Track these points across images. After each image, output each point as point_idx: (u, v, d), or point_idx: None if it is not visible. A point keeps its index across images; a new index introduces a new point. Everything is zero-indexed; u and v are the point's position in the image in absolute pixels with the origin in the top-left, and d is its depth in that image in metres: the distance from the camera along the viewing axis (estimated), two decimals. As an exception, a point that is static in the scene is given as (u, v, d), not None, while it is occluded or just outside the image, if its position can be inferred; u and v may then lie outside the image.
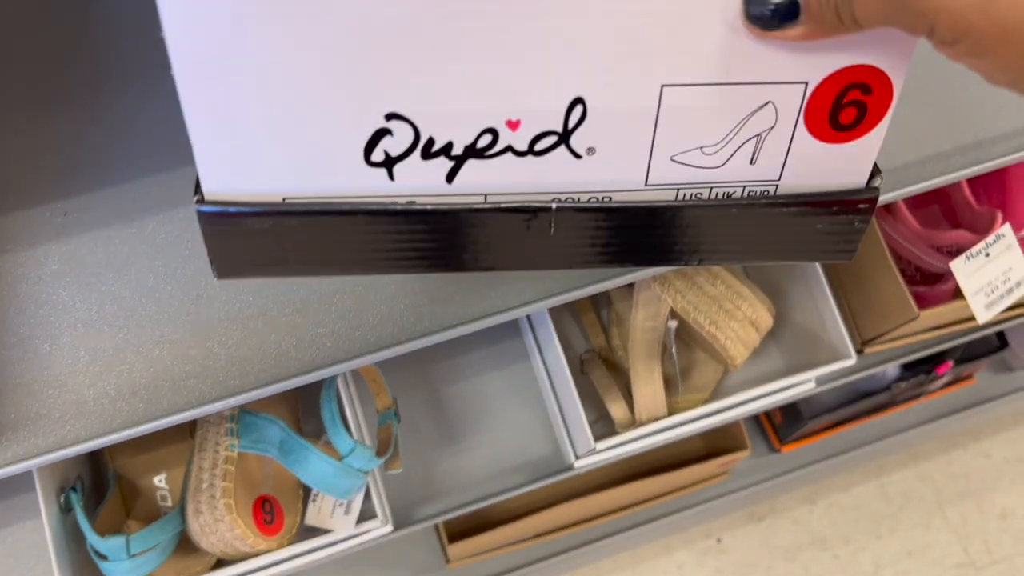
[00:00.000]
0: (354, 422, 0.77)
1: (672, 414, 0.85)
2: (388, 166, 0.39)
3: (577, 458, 0.86)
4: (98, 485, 0.77)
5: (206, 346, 0.55)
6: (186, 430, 0.77)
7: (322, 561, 0.78)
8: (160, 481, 0.77)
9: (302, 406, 0.83)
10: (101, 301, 0.56)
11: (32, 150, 0.60)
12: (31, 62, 0.63)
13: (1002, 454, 1.44)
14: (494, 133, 0.39)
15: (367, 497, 0.80)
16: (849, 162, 0.42)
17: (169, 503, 0.77)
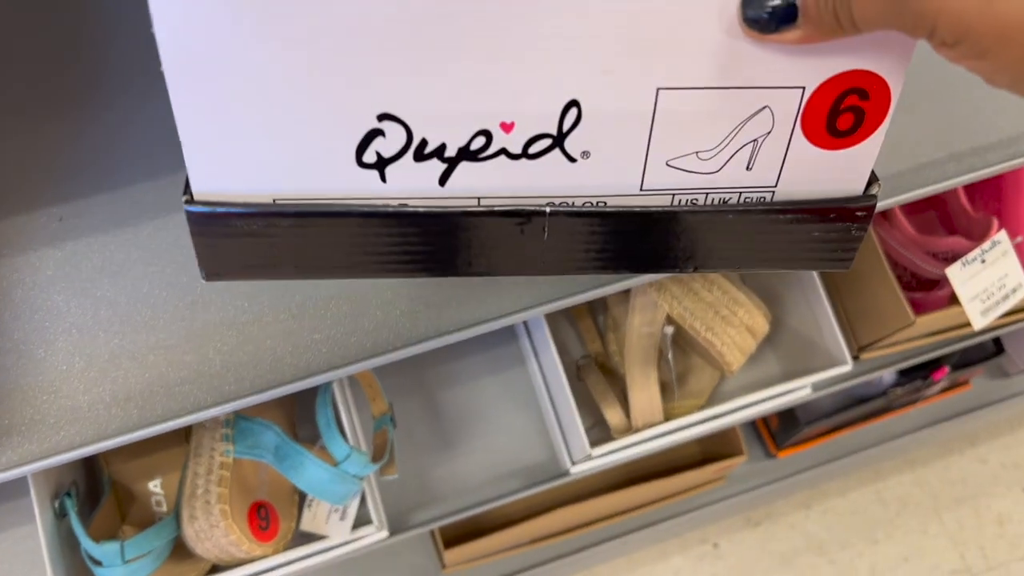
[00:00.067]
0: (350, 428, 0.77)
1: (668, 420, 0.85)
2: (380, 168, 0.39)
3: (573, 464, 0.86)
4: (93, 490, 0.76)
5: (201, 352, 0.55)
6: (181, 435, 0.77)
7: (317, 567, 0.78)
8: (155, 486, 0.77)
9: (298, 411, 0.83)
10: (96, 306, 0.56)
11: (27, 154, 0.60)
12: (26, 66, 0.63)
13: (998, 460, 1.44)
14: (487, 135, 0.38)
15: (362, 503, 0.80)
16: (846, 169, 0.41)
17: (164, 508, 0.77)
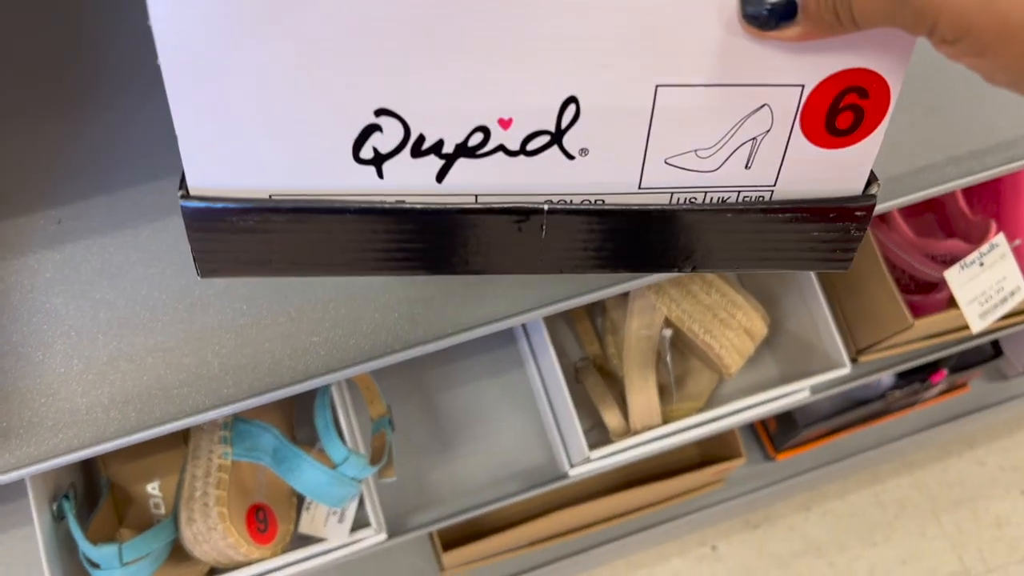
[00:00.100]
0: (348, 430, 0.77)
1: (667, 422, 0.85)
2: (377, 164, 0.39)
3: (571, 466, 0.86)
4: (91, 493, 0.76)
5: (200, 355, 0.55)
6: (180, 437, 0.77)
7: (316, 570, 0.78)
8: (153, 489, 0.77)
9: (296, 413, 0.83)
10: (95, 309, 0.56)
11: (26, 156, 0.60)
12: (24, 67, 0.63)
13: (996, 462, 1.44)
14: (485, 131, 0.38)
15: (361, 505, 0.80)
16: (846, 168, 0.41)
17: (162, 511, 0.76)
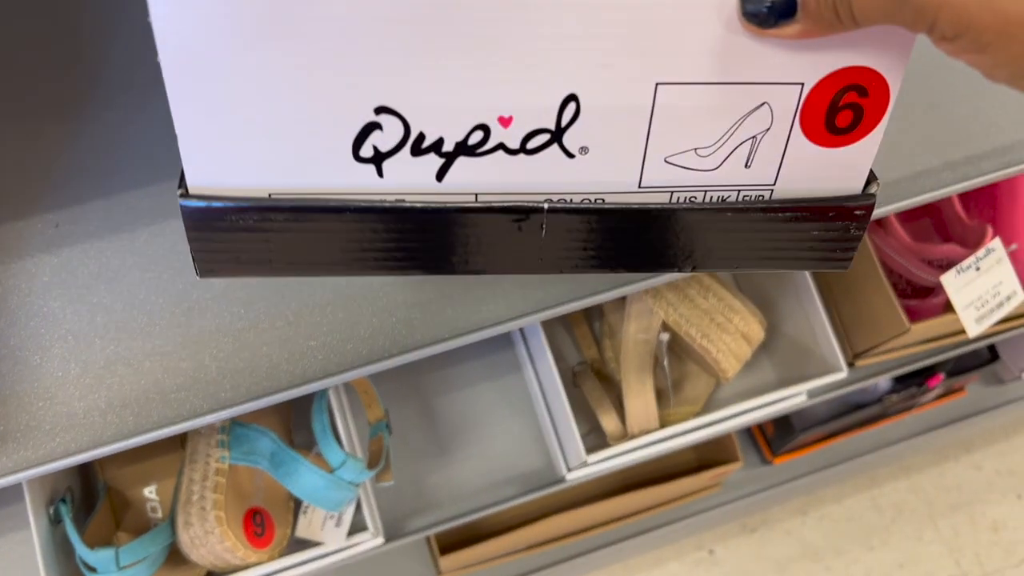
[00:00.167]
0: (345, 434, 0.77)
1: (664, 426, 0.85)
2: (377, 162, 0.39)
3: (569, 470, 0.86)
4: (88, 496, 0.76)
5: (197, 358, 0.55)
6: (177, 441, 0.77)
7: (313, 574, 0.78)
8: (150, 492, 0.77)
9: (294, 417, 0.82)
10: (92, 313, 0.56)
11: (23, 161, 0.60)
12: (22, 72, 0.63)
13: (993, 466, 1.44)
14: (485, 130, 0.38)
15: (358, 509, 0.80)
16: (845, 167, 0.41)
17: (159, 515, 0.76)
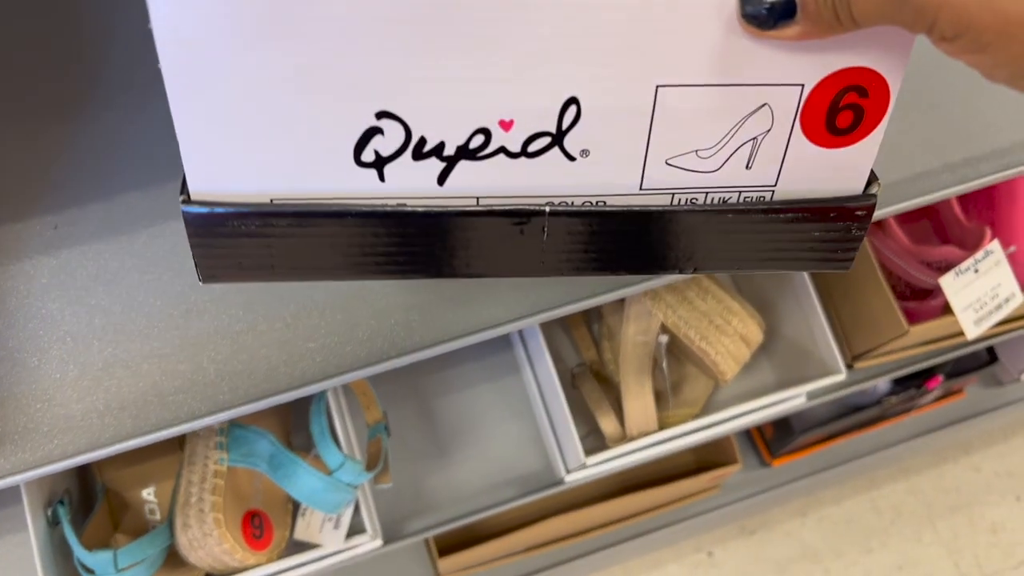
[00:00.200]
0: (344, 436, 0.77)
1: (663, 428, 0.85)
2: (379, 167, 0.39)
3: (568, 472, 0.86)
4: (86, 498, 0.76)
5: (195, 361, 0.55)
6: (175, 443, 0.77)
7: (311, 576, 0.78)
8: (149, 494, 0.77)
9: (292, 419, 0.82)
10: (90, 315, 0.56)
11: (22, 163, 0.60)
12: (22, 72, 0.63)
13: (992, 468, 1.44)
14: (486, 133, 0.38)
15: (356, 511, 0.80)
16: (846, 168, 0.41)
17: (157, 517, 0.76)
